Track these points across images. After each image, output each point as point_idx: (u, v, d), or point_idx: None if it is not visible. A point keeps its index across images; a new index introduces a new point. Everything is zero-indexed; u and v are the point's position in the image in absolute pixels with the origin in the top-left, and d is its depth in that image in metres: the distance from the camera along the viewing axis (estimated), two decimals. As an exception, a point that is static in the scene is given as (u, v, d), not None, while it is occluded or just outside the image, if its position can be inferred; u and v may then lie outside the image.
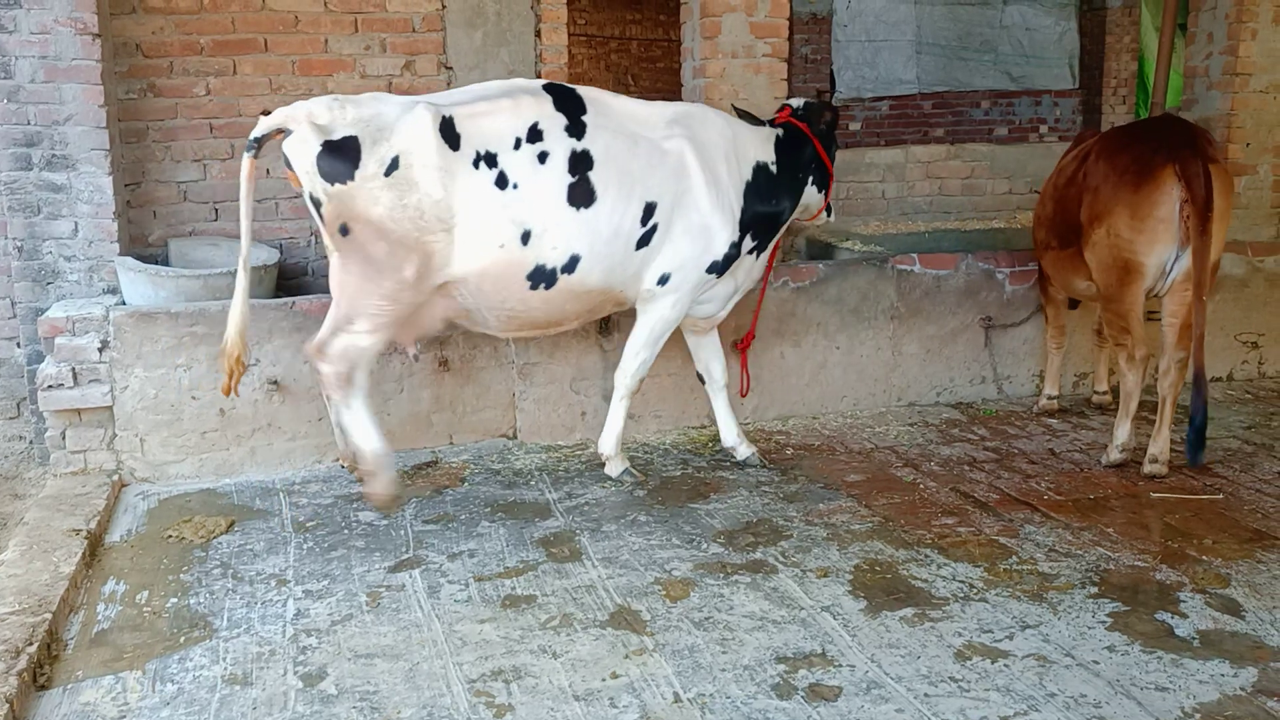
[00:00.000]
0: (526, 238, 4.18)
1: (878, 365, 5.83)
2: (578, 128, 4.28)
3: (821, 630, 3.39)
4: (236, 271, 4.08)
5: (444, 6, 5.94)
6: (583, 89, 4.43)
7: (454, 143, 4.07)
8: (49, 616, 3.38)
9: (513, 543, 4.12)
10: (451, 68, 6.01)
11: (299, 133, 3.93)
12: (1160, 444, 4.76)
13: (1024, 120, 11.59)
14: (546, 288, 4.28)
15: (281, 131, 3.98)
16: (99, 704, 3.04)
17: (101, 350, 4.66)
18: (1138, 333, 4.74)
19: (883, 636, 3.35)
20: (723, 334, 5.09)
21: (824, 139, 4.93)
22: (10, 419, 5.56)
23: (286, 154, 3.96)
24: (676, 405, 5.52)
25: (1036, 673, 3.13)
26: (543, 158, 4.20)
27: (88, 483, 4.62)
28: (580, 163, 4.25)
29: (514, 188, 4.14)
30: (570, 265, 4.28)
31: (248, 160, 3.95)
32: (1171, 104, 8.23)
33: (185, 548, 4.10)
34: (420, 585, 3.76)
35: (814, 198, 5.00)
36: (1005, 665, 3.18)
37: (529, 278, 4.24)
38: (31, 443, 5.24)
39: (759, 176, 4.73)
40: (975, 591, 3.65)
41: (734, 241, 4.61)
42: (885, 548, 4.02)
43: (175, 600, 3.67)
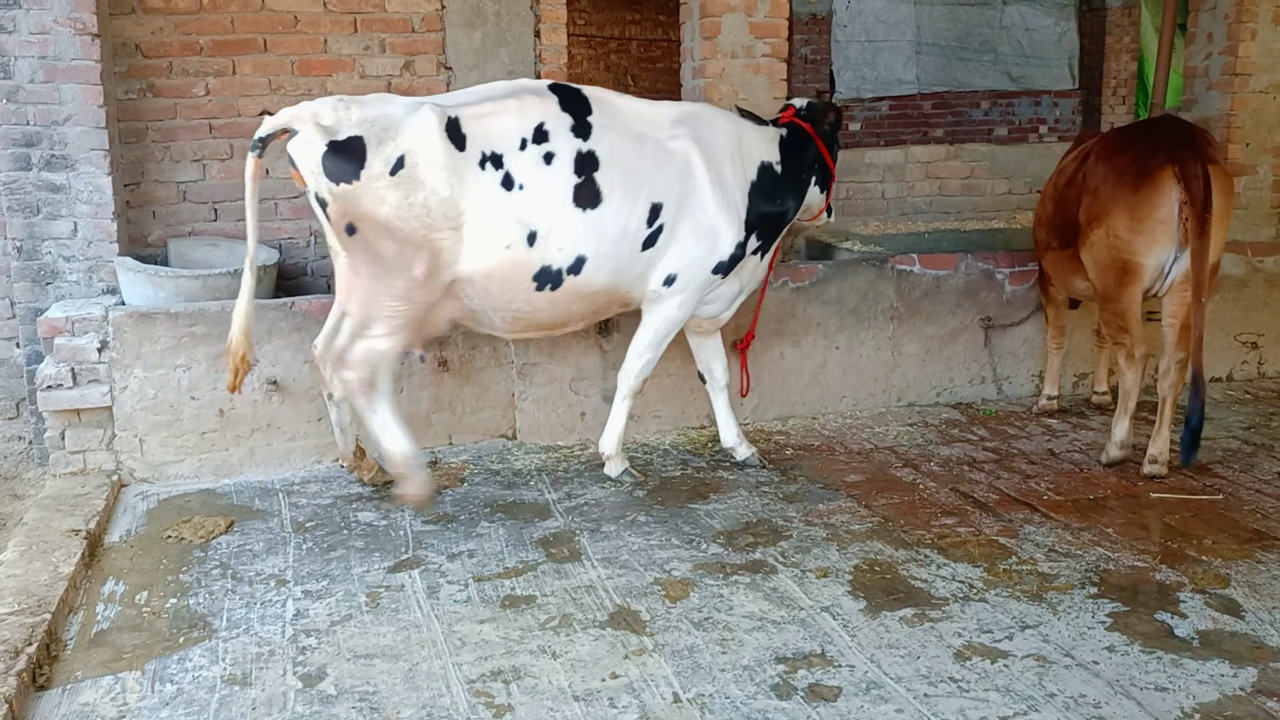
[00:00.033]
0: (533, 239, 4.17)
1: (877, 365, 5.82)
2: (583, 128, 4.27)
3: (821, 630, 3.39)
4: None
5: (443, 7, 5.94)
6: (588, 89, 4.42)
7: (460, 143, 4.07)
8: (48, 617, 3.37)
9: (512, 543, 4.12)
10: (451, 68, 6.01)
11: (304, 133, 3.93)
12: (1160, 444, 4.76)
13: (1024, 120, 11.60)
14: (552, 289, 4.28)
15: (286, 131, 3.98)
16: (98, 704, 3.04)
17: (101, 350, 4.66)
18: (1136, 331, 4.74)
19: (882, 637, 3.35)
20: (723, 334, 5.08)
21: (827, 139, 4.93)
22: (9, 419, 5.56)
23: (292, 154, 3.96)
24: (676, 406, 5.52)
25: (1036, 673, 3.13)
26: (549, 158, 4.19)
27: (87, 483, 4.62)
28: (586, 163, 4.24)
29: (520, 188, 4.14)
30: (576, 266, 4.27)
31: (252, 160, 3.95)
32: (1171, 104, 8.23)
33: (184, 548, 4.10)
34: (420, 585, 3.76)
35: (816, 198, 5.01)
36: (1005, 665, 3.18)
37: (535, 279, 4.23)
38: (31, 443, 5.24)
39: (764, 176, 4.72)
40: (975, 592, 3.65)
41: (740, 242, 4.61)
42: (885, 548, 4.02)
43: (174, 601, 3.67)
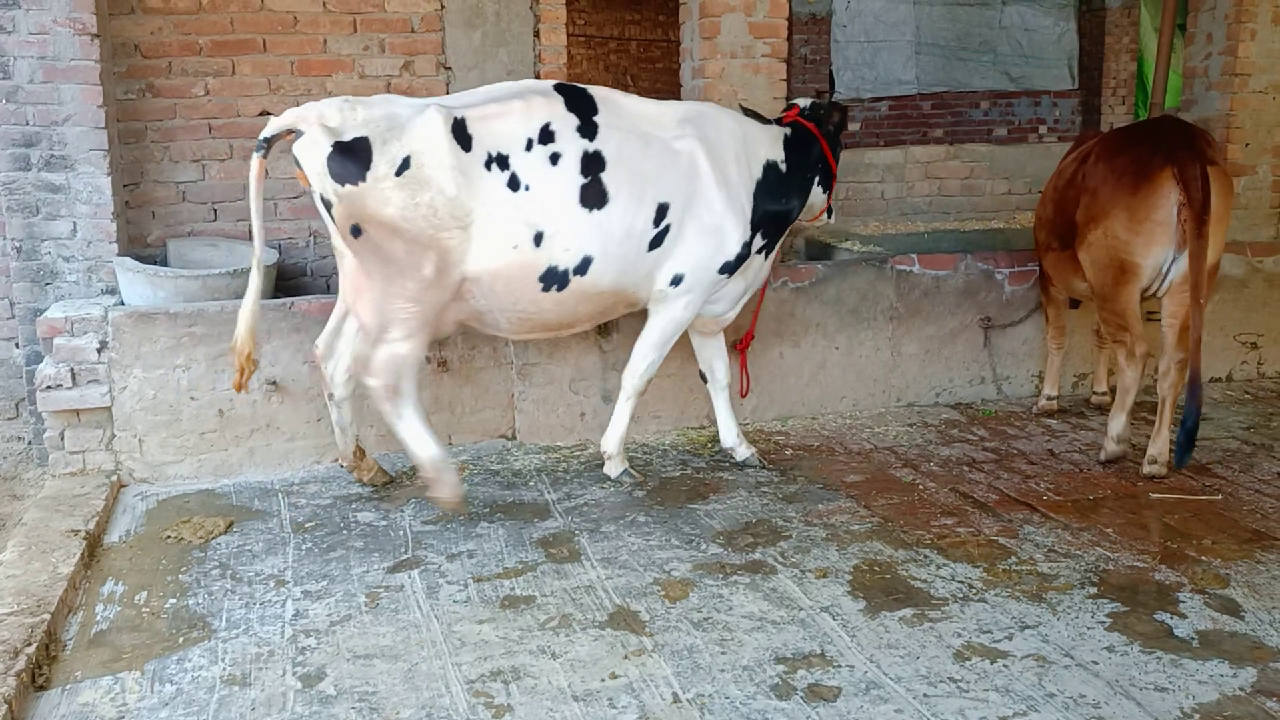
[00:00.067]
0: (539, 239, 4.16)
1: (877, 366, 5.82)
2: (589, 128, 4.26)
3: (820, 631, 3.39)
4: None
5: (443, 7, 5.94)
6: (594, 89, 4.41)
7: (466, 144, 4.06)
8: (47, 617, 3.37)
9: (512, 543, 4.12)
10: (450, 68, 6.01)
11: (310, 134, 3.93)
12: (1159, 445, 4.75)
13: (1023, 121, 11.60)
14: (559, 289, 4.27)
15: (291, 132, 3.97)
16: (98, 705, 3.04)
17: (100, 351, 4.66)
18: (1136, 330, 4.74)
19: (882, 637, 3.35)
20: (724, 334, 5.08)
21: (831, 139, 4.93)
22: (9, 419, 5.56)
23: (297, 155, 3.96)
24: (676, 406, 5.52)
25: (1035, 673, 3.13)
26: (555, 159, 4.18)
27: (86, 483, 4.61)
28: (592, 164, 4.24)
29: (526, 189, 4.13)
30: (582, 267, 4.26)
31: (257, 160, 3.95)
32: (1171, 104, 8.24)
33: (184, 548, 4.10)
34: (419, 586, 3.76)
35: (818, 198, 5.01)
36: (1004, 666, 3.18)
37: (541, 279, 4.23)
38: (30, 443, 5.24)
39: (769, 175, 4.72)
40: (974, 592, 3.65)
41: (746, 241, 4.60)
42: (884, 548, 4.02)
43: (174, 601, 3.67)
